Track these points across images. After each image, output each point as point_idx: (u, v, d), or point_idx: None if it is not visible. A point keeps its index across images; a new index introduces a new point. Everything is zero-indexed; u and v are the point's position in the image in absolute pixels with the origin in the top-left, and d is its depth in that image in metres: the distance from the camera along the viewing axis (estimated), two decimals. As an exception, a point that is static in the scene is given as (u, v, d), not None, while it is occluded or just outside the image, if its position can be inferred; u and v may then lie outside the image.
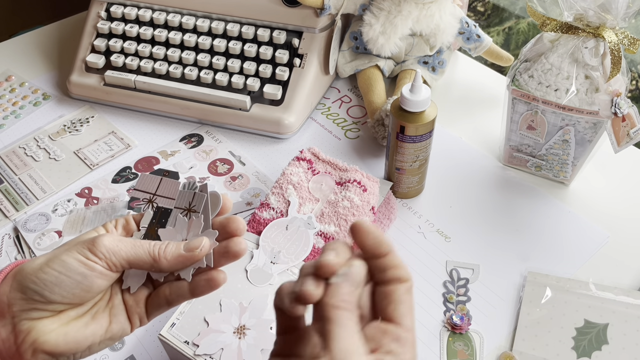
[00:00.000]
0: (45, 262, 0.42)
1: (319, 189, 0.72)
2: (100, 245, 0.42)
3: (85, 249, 0.42)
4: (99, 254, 0.42)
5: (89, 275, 0.42)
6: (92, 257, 0.42)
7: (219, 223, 0.47)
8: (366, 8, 0.89)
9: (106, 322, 0.45)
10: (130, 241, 0.44)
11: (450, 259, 0.72)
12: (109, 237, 0.43)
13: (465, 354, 0.64)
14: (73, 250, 0.42)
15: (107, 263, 0.43)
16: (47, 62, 1.04)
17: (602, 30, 0.67)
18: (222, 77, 0.88)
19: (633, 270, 0.71)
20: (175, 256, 0.44)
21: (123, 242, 0.44)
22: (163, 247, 0.44)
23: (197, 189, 0.48)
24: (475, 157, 0.85)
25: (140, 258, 0.44)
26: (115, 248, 0.43)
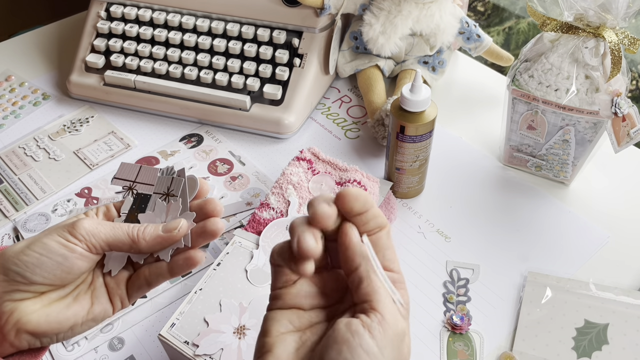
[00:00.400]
0: (26, 245, 0.43)
1: (319, 189, 0.72)
2: (80, 227, 0.44)
3: (66, 231, 0.44)
4: (78, 236, 0.44)
5: (70, 256, 0.43)
6: (72, 239, 0.43)
7: (196, 205, 0.48)
8: (366, 8, 0.89)
9: (88, 303, 0.46)
10: (109, 224, 0.45)
11: (450, 259, 0.72)
12: (88, 220, 0.45)
13: (465, 354, 0.63)
14: (54, 233, 0.44)
15: (87, 245, 0.44)
16: (47, 62, 1.04)
17: (602, 30, 0.67)
18: (222, 77, 0.88)
19: (633, 270, 0.71)
20: (154, 237, 0.45)
21: (102, 225, 0.45)
22: (142, 229, 0.45)
23: (175, 174, 0.49)
24: (475, 157, 0.85)
25: (119, 239, 0.45)
26: (94, 230, 0.44)
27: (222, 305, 0.61)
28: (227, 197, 0.80)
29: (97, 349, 0.65)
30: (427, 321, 0.66)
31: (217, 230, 0.47)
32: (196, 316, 0.60)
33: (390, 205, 0.76)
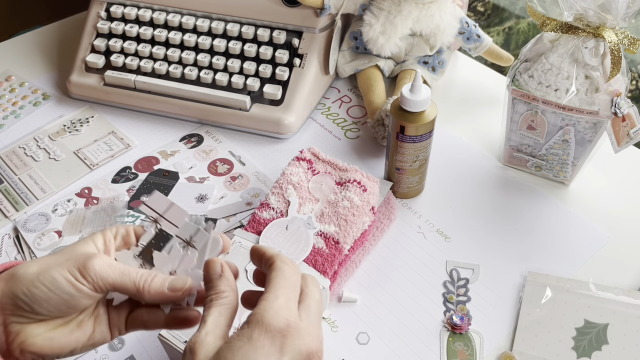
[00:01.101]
0: (37, 274, 0.44)
1: (319, 189, 0.72)
2: (90, 269, 0.45)
3: (76, 269, 0.44)
4: (87, 277, 0.44)
5: (76, 295, 0.44)
6: (81, 280, 0.44)
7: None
8: (366, 8, 0.89)
9: (90, 330, 0.47)
10: (119, 268, 0.46)
11: (450, 259, 0.72)
12: (99, 261, 0.45)
13: (465, 354, 0.64)
14: (64, 268, 0.44)
15: (94, 286, 0.45)
16: (47, 62, 1.04)
17: (602, 30, 0.67)
18: (222, 77, 0.88)
19: (633, 270, 0.71)
20: (159, 292, 0.46)
21: (112, 268, 0.46)
22: (149, 281, 0.46)
23: (203, 226, 0.48)
24: (475, 157, 0.85)
25: (126, 286, 0.46)
26: (104, 273, 0.45)
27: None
28: (227, 197, 0.80)
29: (97, 348, 0.65)
30: (427, 321, 0.66)
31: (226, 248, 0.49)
32: (196, 316, 0.60)
33: (390, 205, 0.76)
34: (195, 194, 0.80)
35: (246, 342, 0.41)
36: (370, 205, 0.70)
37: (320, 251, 0.66)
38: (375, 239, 0.73)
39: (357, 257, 0.71)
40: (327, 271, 0.65)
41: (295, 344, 0.41)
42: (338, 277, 0.67)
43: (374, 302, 0.68)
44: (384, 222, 0.74)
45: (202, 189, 0.81)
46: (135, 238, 0.50)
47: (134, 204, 0.79)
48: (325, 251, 0.66)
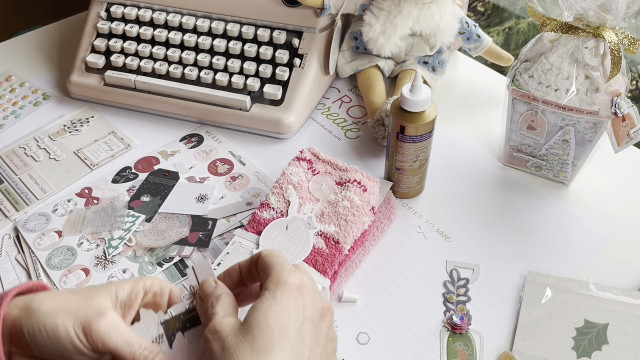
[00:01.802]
0: (45, 315, 0.43)
1: (319, 189, 0.72)
2: (95, 328, 0.43)
3: (81, 324, 0.43)
4: (89, 335, 0.43)
5: (72, 352, 0.43)
6: (81, 337, 0.43)
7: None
8: (366, 8, 0.89)
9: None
10: (124, 334, 0.44)
11: (450, 259, 0.72)
12: (106, 322, 0.44)
13: (465, 354, 0.64)
14: (71, 318, 0.43)
15: (92, 346, 0.43)
16: (47, 62, 1.04)
17: (602, 30, 0.67)
18: (222, 77, 0.88)
19: (633, 270, 0.71)
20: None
21: (117, 333, 0.44)
22: (150, 358, 0.44)
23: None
24: (475, 157, 0.85)
25: (123, 355, 0.44)
26: (106, 336, 0.43)
27: None
28: (227, 197, 0.80)
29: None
30: (427, 321, 0.66)
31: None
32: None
33: (390, 205, 0.76)
34: (196, 194, 0.80)
35: (272, 301, 0.43)
36: (370, 205, 0.70)
37: (320, 251, 0.66)
38: (375, 239, 0.73)
39: (357, 257, 0.71)
40: (327, 271, 0.65)
41: (311, 299, 0.45)
42: (338, 277, 0.67)
43: (374, 302, 0.68)
44: (384, 222, 0.74)
45: (202, 189, 0.81)
46: (169, 302, 0.49)
47: (134, 204, 0.79)
48: (325, 251, 0.66)
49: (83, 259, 0.73)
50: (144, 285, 0.47)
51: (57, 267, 0.72)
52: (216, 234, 0.75)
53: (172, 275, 0.71)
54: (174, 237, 0.75)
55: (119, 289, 0.46)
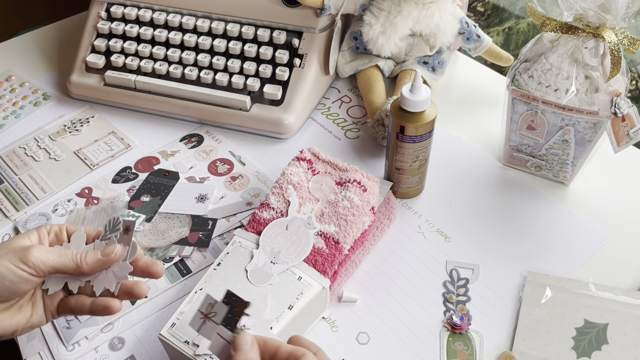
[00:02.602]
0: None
1: (319, 189, 0.72)
2: (31, 255, 0.50)
3: (17, 258, 0.50)
4: (29, 262, 0.50)
5: (17, 282, 0.50)
6: (23, 266, 0.50)
7: (143, 262, 0.56)
8: (366, 8, 0.89)
9: (28, 313, 0.53)
10: (56, 251, 0.52)
11: (450, 259, 0.72)
12: (38, 249, 0.51)
13: (465, 354, 0.64)
14: (5, 258, 0.50)
15: (36, 270, 0.51)
16: (47, 62, 1.04)
17: (602, 30, 0.67)
18: (222, 77, 0.88)
19: (633, 270, 0.71)
20: (95, 260, 0.53)
21: (51, 252, 0.52)
22: (84, 255, 0.53)
23: (121, 224, 0.55)
24: (475, 157, 0.85)
25: (65, 265, 0.52)
26: (44, 258, 0.51)
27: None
28: (227, 197, 0.80)
29: (97, 348, 0.65)
30: (427, 321, 0.66)
31: (141, 294, 0.55)
32: (196, 316, 0.60)
33: (390, 205, 0.76)
34: (196, 194, 0.80)
35: None
36: (370, 205, 0.70)
37: (320, 251, 0.66)
38: (375, 239, 0.74)
39: (357, 257, 0.71)
40: (327, 271, 0.65)
41: None
42: (338, 277, 0.67)
43: (374, 302, 0.68)
44: (384, 222, 0.74)
45: (202, 189, 0.81)
46: (67, 236, 0.56)
47: (134, 204, 0.79)
48: (325, 251, 0.66)
49: (83, 259, 0.73)
50: (45, 229, 0.55)
51: (57, 267, 0.72)
52: (216, 234, 0.75)
53: (172, 275, 0.71)
54: (174, 237, 0.75)
55: (30, 235, 0.54)
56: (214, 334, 0.49)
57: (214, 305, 0.49)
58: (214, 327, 0.49)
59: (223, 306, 0.49)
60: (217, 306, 0.49)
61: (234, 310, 0.49)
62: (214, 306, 0.49)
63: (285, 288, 0.63)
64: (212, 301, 0.49)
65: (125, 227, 0.55)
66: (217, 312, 0.49)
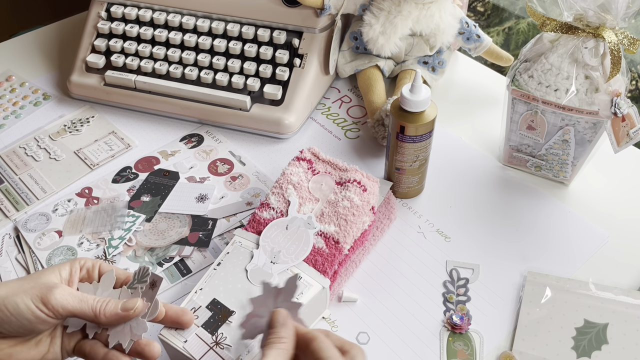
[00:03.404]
0: (4, 297, 0.50)
1: (319, 189, 0.72)
2: (52, 298, 0.50)
3: (38, 298, 0.50)
4: (49, 305, 0.50)
5: (35, 322, 0.50)
6: (42, 308, 0.50)
7: (173, 312, 0.57)
8: (366, 8, 0.89)
9: (45, 349, 0.53)
10: (78, 296, 0.52)
11: (450, 259, 0.72)
12: (61, 291, 0.51)
13: (465, 354, 0.64)
14: (28, 296, 0.50)
15: (54, 313, 0.50)
16: (48, 62, 1.04)
17: (602, 30, 0.67)
18: (222, 77, 0.88)
19: (633, 270, 0.71)
20: (113, 313, 0.52)
21: (72, 297, 0.51)
22: (104, 305, 0.52)
23: (149, 277, 0.55)
24: (475, 157, 0.85)
25: (83, 312, 0.52)
26: (64, 302, 0.51)
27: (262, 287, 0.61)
28: (227, 197, 0.80)
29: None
30: (427, 321, 0.66)
31: (153, 356, 0.53)
32: (196, 316, 0.60)
33: (390, 205, 0.76)
34: (196, 194, 0.80)
35: None
36: (370, 205, 0.70)
37: (320, 251, 0.66)
38: (375, 239, 0.74)
39: (357, 257, 0.71)
40: (327, 271, 0.65)
41: None
42: (338, 277, 0.67)
43: (374, 302, 0.68)
44: (384, 222, 0.74)
45: (203, 189, 0.81)
46: (99, 274, 0.56)
47: (134, 203, 0.79)
48: (325, 251, 0.66)
49: (83, 259, 0.73)
50: (79, 264, 0.55)
51: (58, 267, 0.72)
52: (216, 233, 0.75)
53: (172, 275, 0.71)
54: (174, 237, 0.75)
55: (61, 270, 0.54)
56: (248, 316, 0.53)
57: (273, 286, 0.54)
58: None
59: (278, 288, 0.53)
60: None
61: (217, 317, 0.52)
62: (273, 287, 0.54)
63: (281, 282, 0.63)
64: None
65: (152, 281, 0.54)
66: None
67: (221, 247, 0.74)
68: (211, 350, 0.58)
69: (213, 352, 0.57)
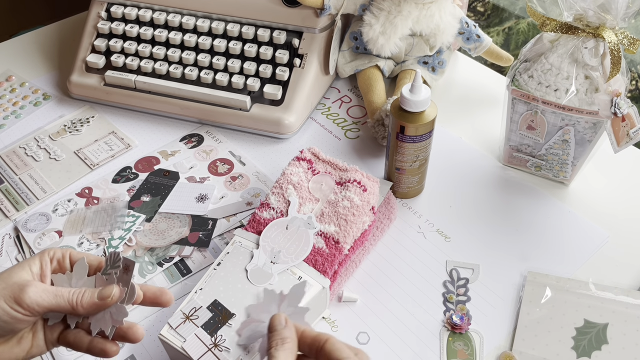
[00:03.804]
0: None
1: (319, 189, 0.72)
2: (25, 297, 0.49)
3: (12, 298, 0.49)
4: (23, 304, 0.49)
5: (11, 322, 0.49)
6: (17, 307, 0.49)
7: (151, 292, 0.55)
8: (366, 8, 0.89)
9: (28, 345, 0.52)
10: (52, 291, 0.51)
11: (450, 259, 0.72)
12: (34, 289, 0.50)
13: (465, 354, 0.64)
14: (1, 298, 0.49)
15: (30, 311, 0.49)
16: (48, 62, 1.04)
17: (601, 30, 0.67)
18: (222, 77, 0.88)
19: (633, 270, 0.71)
20: (90, 303, 0.51)
21: (46, 293, 0.50)
22: (80, 296, 0.51)
23: (121, 262, 0.53)
24: (475, 157, 0.85)
25: (60, 306, 0.50)
26: (39, 299, 0.49)
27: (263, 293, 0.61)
28: (227, 197, 0.80)
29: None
30: (427, 321, 0.66)
31: (137, 338, 0.53)
32: (196, 316, 0.60)
33: (390, 205, 0.76)
34: (196, 194, 0.80)
35: None
36: (370, 205, 0.70)
37: (320, 251, 0.66)
38: (375, 238, 0.74)
39: (357, 257, 0.71)
40: (327, 271, 0.65)
41: None
42: (338, 277, 0.67)
43: (374, 302, 0.68)
44: (384, 222, 0.74)
45: (203, 189, 0.81)
46: (71, 263, 0.55)
47: (134, 203, 0.79)
48: (325, 251, 0.66)
49: (83, 259, 0.73)
50: (48, 255, 0.54)
51: (58, 267, 0.72)
52: (216, 233, 0.75)
53: (172, 275, 0.71)
54: (174, 237, 0.75)
55: (31, 264, 0.53)
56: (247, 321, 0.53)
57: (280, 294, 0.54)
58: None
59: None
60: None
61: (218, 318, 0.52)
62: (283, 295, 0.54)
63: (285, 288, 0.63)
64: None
65: (125, 265, 0.53)
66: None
67: (221, 247, 0.74)
68: (209, 352, 0.58)
69: (211, 353, 0.57)
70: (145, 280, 0.70)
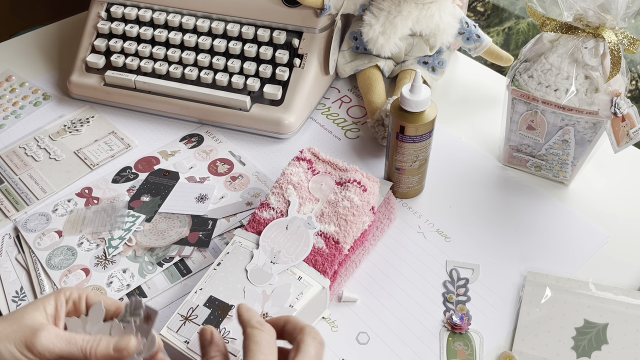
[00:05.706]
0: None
1: (319, 189, 0.72)
2: (37, 342, 0.47)
3: (23, 343, 0.47)
4: (34, 350, 0.47)
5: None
6: (27, 353, 0.47)
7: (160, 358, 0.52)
8: (366, 8, 0.89)
9: None
10: (65, 338, 0.48)
11: (450, 259, 0.72)
12: (46, 334, 0.48)
13: (465, 354, 0.64)
14: (12, 341, 0.47)
15: (40, 358, 0.47)
16: (48, 62, 1.04)
17: (601, 30, 0.67)
18: (222, 77, 0.88)
19: (633, 270, 0.71)
20: (105, 355, 0.48)
21: (59, 339, 0.48)
22: (95, 346, 0.48)
23: (143, 310, 0.50)
24: (475, 157, 0.85)
25: (72, 354, 0.48)
26: (50, 345, 0.47)
27: (245, 292, 0.61)
28: (227, 197, 0.80)
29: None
30: (427, 321, 0.66)
31: None
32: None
33: (390, 205, 0.76)
34: (196, 194, 0.80)
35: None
36: (370, 205, 0.70)
37: (320, 251, 0.66)
38: (375, 239, 0.74)
39: (357, 257, 0.71)
40: (327, 271, 0.65)
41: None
42: (338, 277, 0.67)
43: (374, 302, 0.68)
44: (384, 222, 0.74)
45: (203, 189, 0.81)
46: (87, 306, 0.53)
47: (134, 203, 0.79)
48: (325, 251, 0.66)
49: (83, 259, 0.73)
50: (64, 296, 0.52)
51: (58, 267, 0.72)
52: (216, 233, 0.75)
53: (172, 275, 0.71)
54: (174, 237, 0.75)
55: (45, 305, 0.50)
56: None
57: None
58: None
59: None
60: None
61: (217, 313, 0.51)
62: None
63: (285, 288, 0.63)
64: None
65: (146, 314, 0.50)
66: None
67: (221, 247, 0.74)
68: None
69: None
70: (145, 280, 0.70)
